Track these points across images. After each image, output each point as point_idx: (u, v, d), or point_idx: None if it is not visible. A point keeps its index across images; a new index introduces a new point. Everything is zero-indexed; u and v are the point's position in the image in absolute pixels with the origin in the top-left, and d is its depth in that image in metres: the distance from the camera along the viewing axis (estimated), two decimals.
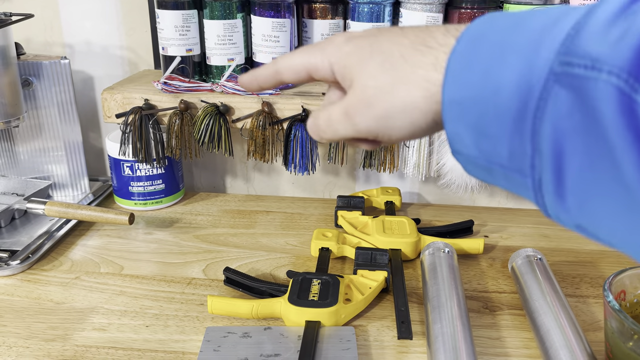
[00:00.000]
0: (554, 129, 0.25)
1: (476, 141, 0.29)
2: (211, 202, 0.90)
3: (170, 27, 0.78)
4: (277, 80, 0.40)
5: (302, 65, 0.38)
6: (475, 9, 0.73)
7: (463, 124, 0.29)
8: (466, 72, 0.29)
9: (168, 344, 0.56)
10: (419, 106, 0.32)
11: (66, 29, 0.91)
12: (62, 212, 0.74)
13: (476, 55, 0.29)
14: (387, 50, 0.33)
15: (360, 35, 0.36)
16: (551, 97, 0.25)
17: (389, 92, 0.33)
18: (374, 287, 0.62)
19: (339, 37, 0.37)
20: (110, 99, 0.80)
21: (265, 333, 0.56)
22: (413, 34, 0.33)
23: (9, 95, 0.73)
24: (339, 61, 0.36)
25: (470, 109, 0.29)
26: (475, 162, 0.31)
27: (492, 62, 0.28)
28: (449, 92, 0.30)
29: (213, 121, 0.76)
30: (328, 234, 0.73)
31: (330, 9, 0.81)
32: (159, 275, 0.68)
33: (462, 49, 0.29)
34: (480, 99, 0.28)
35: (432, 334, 0.54)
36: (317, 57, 0.37)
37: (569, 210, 0.26)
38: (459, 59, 0.29)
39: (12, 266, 0.68)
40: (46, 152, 0.84)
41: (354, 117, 0.35)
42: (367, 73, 0.34)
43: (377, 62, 0.33)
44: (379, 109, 0.33)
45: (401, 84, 0.32)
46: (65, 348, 0.55)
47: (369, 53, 0.34)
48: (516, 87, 0.26)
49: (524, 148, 0.27)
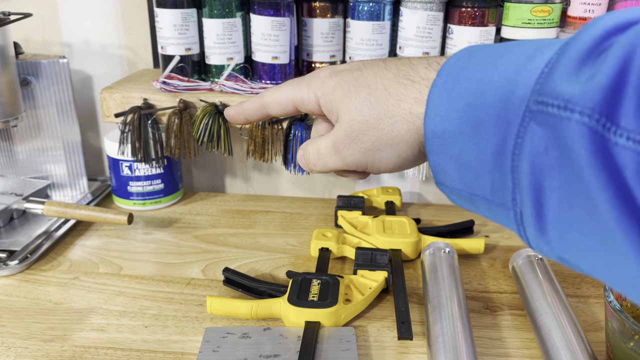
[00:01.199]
0: (531, 165, 0.25)
1: (459, 174, 0.30)
2: (210, 202, 0.89)
3: (169, 26, 0.78)
4: (264, 113, 0.40)
5: (289, 99, 0.38)
6: (476, 7, 0.73)
7: (445, 156, 0.30)
8: (446, 106, 0.29)
9: (167, 344, 0.56)
10: (404, 139, 0.33)
11: (65, 28, 0.91)
12: (61, 212, 0.74)
13: (456, 90, 0.29)
14: (372, 84, 0.34)
15: (344, 69, 0.36)
16: (528, 134, 0.25)
17: (375, 126, 0.33)
18: (374, 287, 0.62)
19: (323, 71, 0.37)
20: (109, 99, 0.79)
21: (264, 334, 0.56)
22: (396, 67, 0.34)
23: (8, 94, 0.73)
24: (324, 95, 0.36)
25: (451, 142, 0.29)
26: (459, 194, 0.31)
27: (470, 98, 0.28)
28: (430, 125, 0.30)
29: (212, 120, 0.76)
30: (328, 234, 0.72)
31: (330, 7, 0.80)
32: (158, 276, 0.68)
33: (442, 83, 0.30)
34: (461, 133, 0.29)
35: (433, 335, 0.53)
36: (303, 91, 0.37)
37: (550, 243, 0.26)
38: (439, 93, 0.30)
39: (10, 266, 0.67)
40: (45, 152, 0.84)
41: (342, 151, 0.35)
42: (352, 107, 0.34)
43: (362, 97, 0.34)
44: (366, 142, 0.34)
45: (386, 118, 0.33)
46: (64, 348, 0.55)
47: (354, 87, 0.35)
48: (495, 123, 0.27)
49: (505, 182, 0.27)
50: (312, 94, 0.37)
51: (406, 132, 0.33)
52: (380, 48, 0.78)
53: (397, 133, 0.33)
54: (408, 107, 0.32)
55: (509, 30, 0.74)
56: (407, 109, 0.32)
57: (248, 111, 0.41)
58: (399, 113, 0.33)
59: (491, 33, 0.75)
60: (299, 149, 0.40)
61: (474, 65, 0.29)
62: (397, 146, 0.33)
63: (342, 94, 0.35)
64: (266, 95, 0.40)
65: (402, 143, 0.33)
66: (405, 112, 0.32)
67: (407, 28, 0.76)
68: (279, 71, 0.79)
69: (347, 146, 0.35)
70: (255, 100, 0.40)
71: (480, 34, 0.74)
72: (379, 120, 0.33)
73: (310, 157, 0.38)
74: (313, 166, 0.38)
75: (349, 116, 0.34)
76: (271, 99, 0.39)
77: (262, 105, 0.40)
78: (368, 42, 0.77)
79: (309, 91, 0.37)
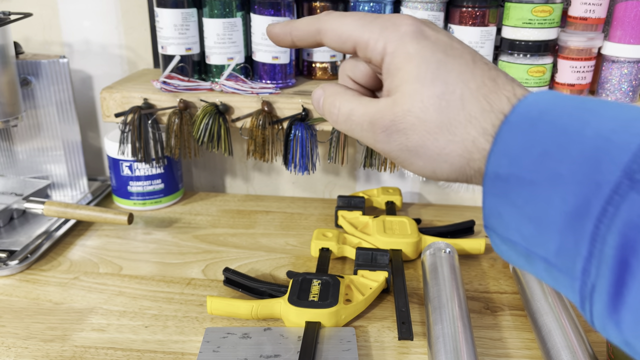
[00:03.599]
0: (623, 238, 0.22)
1: (518, 225, 0.27)
2: (210, 202, 0.89)
3: (169, 25, 0.78)
4: (316, 40, 0.34)
5: (352, 35, 0.32)
6: (477, 7, 0.73)
7: (505, 202, 0.27)
8: (519, 149, 0.26)
9: (167, 344, 0.56)
10: (450, 161, 0.29)
11: (65, 28, 0.90)
12: (61, 212, 0.74)
13: (534, 133, 0.26)
14: (452, 83, 0.29)
15: (431, 39, 0.30)
16: (625, 204, 0.22)
17: (430, 132, 0.29)
18: (375, 287, 0.62)
19: (406, 23, 0.31)
20: (109, 98, 0.79)
21: (265, 334, 0.56)
22: (482, 78, 0.29)
23: (8, 94, 0.73)
24: (396, 55, 0.30)
25: (516, 189, 0.26)
26: (513, 246, 0.28)
27: (551, 147, 0.25)
28: (494, 165, 0.27)
29: (212, 120, 0.76)
30: (328, 234, 0.72)
31: (330, 7, 0.80)
32: (158, 276, 0.68)
33: (518, 122, 0.27)
34: (531, 183, 0.25)
35: (433, 335, 0.53)
36: (373, 34, 0.31)
37: (620, 325, 0.23)
38: (512, 131, 0.27)
39: (10, 266, 0.67)
40: (45, 152, 0.84)
41: (379, 134, 0.31)
42: (418, 97, 0.29)
43: (436, 92, 0.29)
44: (411, 141, 0.30)
45: (446, 131, 0.29)
46: (64, 348, 0.55)
47: (431, 74, 0.29)
48: (577, 181, 0.24)
49: (578, 249, 0.24)
50: (381, 45, 0.31)
51: (457, 157, 0.29)
52: None
53: (447, 152, 0.29)
54: (474, 134, 0.28)
55: (509, 30, 0.74)
56: (471, 136, 0.28)
57: (298, 31, 0.34)
58: (462, 135, 0.29)
59: (492, 33, 0.75)
60: (319, 88, 0.34)
61: (559, 111, 0.26)
62: (439, 163, 0.30)
63: (416, 72, 0.29)
64: (326, 20, 0.33)
65: (445, 163, 0.29)
66: (469, 138, 0.28)
67: None
68: (279, 71, 0.79)
69: (387, 133, 0.30)
70: (310, 22, 0.34)
71: (480, 34, 0.74)
72: (438, 128, 0.29)
73: (336, 112, 0.33)
74: (334, 122, 0.33)
75: (409, 104, 0.29)
76: (331, 26, 0.32)
77: (318, 31, 0.33)
78: None
79: (379, 38, 0.31)
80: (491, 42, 0.76)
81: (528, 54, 0.73)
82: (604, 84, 0.75)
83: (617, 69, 0.73)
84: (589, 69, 0.74)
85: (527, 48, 0.73)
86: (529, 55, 0.73)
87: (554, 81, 0.77)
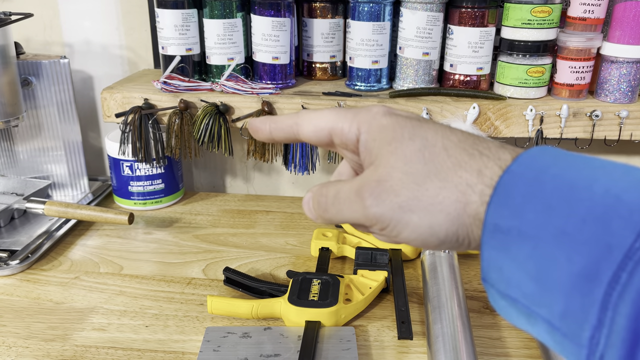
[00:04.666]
0: (638, 308, 0.21)
1: (519, 281, 0.25)
2: (211, 201, 0.90)
3: (170, 26, 0.78)
4: (293, 133, 0.34)
5: (327, 125, 0.33)
6: (476, 8, 0.73)
7: (506, 256, 0.25)
8: (522, 201, 0.25)
9: (168, 344, 0.56)
10: (446, 209, 0.27)
11: (66, 28, 0.91)
12: (62, 211, 0.74)
13: (538, 186, 0.24)
14: (431, 138, 0.28)
15: (403, 114, 0.31)
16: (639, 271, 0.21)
17: (419, 183, 0.28)
18: (374, 287, 0.62)
19: (378, 107, 0.32)
20: (110, 99, 0.79)
21: (265, 333, 0.56)
22: (462, 135, 0.29)
23: (8, 94, 0.73)
24: (370, 131, 0.31)
25: (518, 243, 0.24)
26: (513, 303, 0.26)
27: (557, 203, 0.24)
28: (495, 215, 0.25)
29: (213, 121, 0.76)
30: (328, 233, 0.73)
31: (330, 8, 0.81)
32: (159, 275, 0.68)
33: (521, 172, 0.25)
34: (535, 238, 0.24)
35: (433, 334, 0.53)
36: (346, 121, 0.32)
37: None
38: (514, 181, 0.25)
39: (11, 266, 0.68)
40: (45, 152, 0.84)
41: (367, 199, 0.29)
42: (400, 154, 0.29)
43: (416, 147, 0.28)
44: (401, 197, 0.28)
45: (435, 179, 0.27)
46: (65, 348, 0.55)
47: (408, 134, 0.29)
48: (585, 241, 0.22)
49: (585, 314, 0.22)
50: (355, 127, 0.31)
51: (452, 203, 0.27)
52: (381, 48, 0.78)
53: (441, 199, 0.27)
54: (467, 176, 0.27)
55: (509, 30, 0.74)
56: (464, 179, 0.27)
57: (276, 124, 0.35)
58: (453, 180, 0.27)
59: (491, 33, 0.75)
60: (308, 191, 0.34)
61: (565, 165, 0.25)
62: (434, 215, 0.28)
63: (392, 136, 0.29)
64: (303, 114, 0.34)
65: (441, 213, 0.27)
66: (461, 181, 0.27)
67: (407, 28, 0.76)
68: (279, 71, 0.79)
69: (375, 195, 0.29)
70: (287, 117, 0.35)
71: (480, 35, 0.74)
72: (425, 177, 0.28)
73: (324, 200, 0.32)
74: (324, 211, 0.32)
75: (392, 162, 0.29)
76: (308, 119, 0.34)
77: (295, 123, 0.34)
78: (368, 43, 0.77)
79: (353, 122, 0.31)
80: (490, 42, 0.76)
81: (527, 54, 0.74)
82: (603, 84, 0.75)
83: (616, 69, 0.74)
84: (588, 69, 0.75)
85: (526, 48, 0.73)
86: (528, 55, 0.74)
87: (553, 81, 0.77)
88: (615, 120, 0.74)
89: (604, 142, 0.76)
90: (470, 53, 0.75)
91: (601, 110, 0.73)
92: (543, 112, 0.74)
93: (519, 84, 0.75)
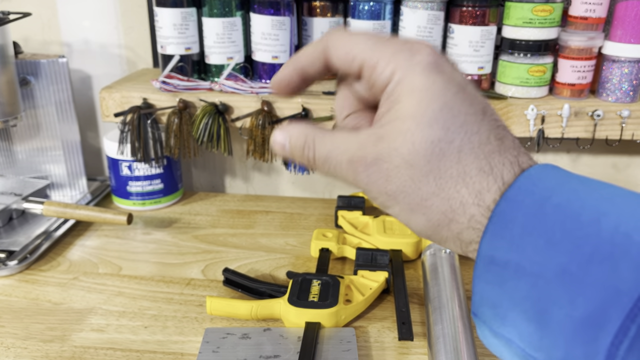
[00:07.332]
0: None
1: (515, 321, 0.23)
2: (210, 202, 0.89)
3: (168, 25, 0.78)
4: (324, 60, 0.29)
5: (362, 53, 0.27)
6: (477, 6, 0.73)
7: (501, 292, 0.23)
8: (520, 233, 0.23)
9: (167, 345, 0.56)
10: (428, 215, 0.26)
11: (64, 27, 0.90)
12: (60, 212, 0.73)
13: (540, 217, 0.22)
14: (453, 131, 0.25)
15: (446, 76, 0.26)
16: None
17: (414, 179, 0.25)
18: (375, 287, 0.62)
19: (424, 52, 0.26)
20: (109, 98, 0.79)
21: (264, 334, 0.56)
22: (487, 135, 0.25)
23: (7, 94, 0.73)
24: (400, 84, 0.26)
25: (515, 279, 0.23)
26: (507, 344, 0.24)
27: (561, 238, 0.22)
28: (489, 247, 0.24)
29: (212, 120, 0.75)
30: (328, 234, 0.72)
31: (330, 6, 0.80)
32: (158, 276, 0.68)
33: (521, 199, 0.23)
34: (533, 275, 0.22)
35: (433, 335, 0.53)
36: (383, 56, 0.27)
37: None
38: (514, 209, 0.23)
39: (9, 266, 0.67)
40: (44, 152, 0.84)
41: (360, 173, 0.27)
42: (410, 136, 0.25)
43: (431, 137, 0.25)
44: (391, 185, 0.26)
45: (433, 183, 0.25)
46: (64, 349, 0.55)
47: (432, 114, 0.25)
48: (591, 283, 0.21)
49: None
50: (390, 68, 0.26)
51: (438, 213, 0.25)
52: None
53: (428, 205, 0.25)
54: (464, 194, 0.25)
55: (510, 29, 0.74)
56: (461, 195, 0.25)
57: (303, 58, 0.29)
58: (449, 191, 0.25)
59: (492, 33, 0.75)
60: (279, 132, 0.31)
61: (569, 193, 0.23)
62: (415, 213, 0.26)
63: (415, 109, 0.25)
64: (334, 36, 0.28)
65: (423, 216, 0.26)
66: (457, 197, 0.25)
67: (407, 27, 0.76)
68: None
69: (369, 173, 0.27)
70: (314, 44, 0.29)
71: (481, 34, 0.74)
72: (424, 176, 0.25)
73: (311, 155, 0.29)
74: (310, 166, 0.30)
75: (397, 142, 0.26)
76: (340, 42, 0.28)
77: (324, 49, 0.29)
78: None
79: (391, 62, 0.26)
80: (491, 41, 0.75)
81: (528, 53, 0.73)
82: (604, 83, 0.75)
83: (617, 69, 0.73)
84: (590, 69, 0.74)
85: (527, 47, 0.73)
86: (530, 54, 0.73)
87: (554, 81, 0.76)
88: (617, 120, 0.74)
89: (605, 141, 0.76)
90: (471, 52, 0.75)
91: (603, 110, 0.73)
92: (544, 112, 0.74)
93: (520, 83, 0.75)
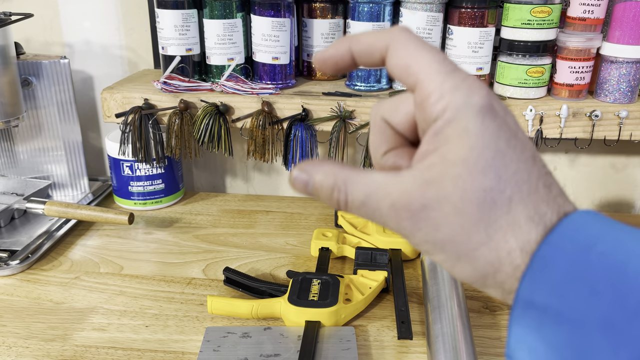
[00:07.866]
0: None
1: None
2: (211, 202, 0.90)
3: (170, 26, 0.78)
4: (380, 56, 0.27)
5: (422, 73, 0.25)
6: (476, 8, 0.73)
7: (538, 337, 0.23)
8: (562, 278, 0.22)
9: (168, 344, 0.56)
10: (475, 265, 0.25)
11: (66, 28, 0.91)
12: (62, 211, 0.74)
13: (582, 265, 0.22)
14: (504, 180, 0.24)
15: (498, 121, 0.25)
16: None
17: (465, 227, 0.24)
18: (374, 287, 0.62)
19: (480, 94, 0.24)
20: (110, 99, 0.79)
21: (265, 333, 0.56)
22: (537, 184, 0.24)
23: (9, 95, 0.73)
24: (452, 123, 0.24)
25: (554, 326, 0.22)
26: None
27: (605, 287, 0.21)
28: (529, 290, 0.23)
29: (213, 121, 0.76)
30: (328, 233, 0.73)
31: (330, 8, 0.81)
32: (159, 275, 0.68)
33: (563, 245, 0.23)
34: (576, 323, 0.21)
35: (433, 334, 0.53)
36: (443, 87, 0.25)
37: None
38: (556, 254, 0.23)
39: (11, 266, 0.68)
40: (46, 152, 0.84)
41: (404, 220, 0.25)
42: (462, 183, 0.24)
43: (483, 185, 0.24)
44: (440, 234, 0.25)
45: (483, 232, 0.24)
46: (65, 348, 0.55)
47: (485, 163, 0.24)
48: (635, 336, 0.20)
49: None
50: (443, 103, 0.24)
51: (485, 263, 0.25)
52: None
53: (477, 255, 0.24)
54: (512, 244, 0.24)
55: (508, 31, 0.74)
56: (509, 245, 0.24)
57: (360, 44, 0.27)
58: (498, 241, 0.24)
59: (491, 34, 0.75)
60: (298, 170, 0.29)
61: (613, 241, 0.22)
62: (463, 264, 0.25)
63: (467, 154, 0.24)
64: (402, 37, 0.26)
65: (469, 266, 0.25)
66: (506, 247, 0.24)
67: None
68: (279, 71, 0.79)
69: (414, 221, 0.25)
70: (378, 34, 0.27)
71: (480, 35, 0.74)
72: (475, 225, 0.24)
73: (343, 199, 0.27)
74: (341, 209, 0.27)
75: (448, 189, 0.24)
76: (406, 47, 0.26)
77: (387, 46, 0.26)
78: None
79: (446, 96, 0.24)
80: (490, 42, 0.76)
81: (527, 54, 0.74)
82: (602, 84, 0.75)
83: (615, 70, 0.74)
84: (588, 70, 0.75)
85: (526, 49, 0.73)
86: (528, 55, 0.74)
87: (552, 82, 0.77)
88: (615, 120, 0.74)
89: (603, 142, 0.76)
90: (469, 53, 0.75)
91: (601, 110, 0.73)
92: (543, 112, 0.74)
93: (518, 84, 0.75)
